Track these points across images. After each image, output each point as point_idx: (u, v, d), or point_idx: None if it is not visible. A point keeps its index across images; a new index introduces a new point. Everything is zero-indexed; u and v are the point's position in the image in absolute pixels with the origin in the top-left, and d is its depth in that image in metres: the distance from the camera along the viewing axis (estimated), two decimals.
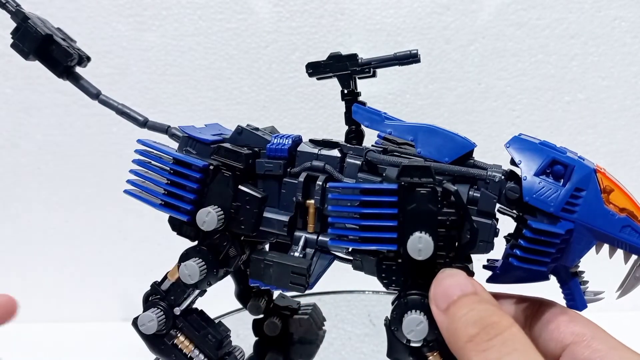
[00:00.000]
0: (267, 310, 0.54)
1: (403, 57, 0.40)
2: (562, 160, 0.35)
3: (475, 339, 0.30)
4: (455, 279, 0.34)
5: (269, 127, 0.47)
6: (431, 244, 0.34)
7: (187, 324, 0.44)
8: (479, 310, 0.32)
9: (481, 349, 0.30)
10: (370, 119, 0.41)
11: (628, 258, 0.37)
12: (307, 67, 0.42)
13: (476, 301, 0.33)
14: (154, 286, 0.45)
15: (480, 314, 0.32)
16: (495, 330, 0.30)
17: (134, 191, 0.43)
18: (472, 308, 0.32)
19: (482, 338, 0.30)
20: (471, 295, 0.33)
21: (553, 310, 0.38)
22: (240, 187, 0.41)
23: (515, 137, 0.38)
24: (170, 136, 0.45)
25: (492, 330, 0.30)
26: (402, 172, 0.35)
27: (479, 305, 0.32)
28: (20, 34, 0.41)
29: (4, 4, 0.42)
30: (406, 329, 0.36)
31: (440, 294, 0.34)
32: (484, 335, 0.30)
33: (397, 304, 0.37)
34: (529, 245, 0.35)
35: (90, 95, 0.45)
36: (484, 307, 0.32)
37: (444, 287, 0.34)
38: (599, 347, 0.35)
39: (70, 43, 0.45)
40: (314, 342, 0.56)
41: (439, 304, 0.34)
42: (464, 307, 0.32)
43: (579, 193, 0.35)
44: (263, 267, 0.40)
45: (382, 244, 0.36)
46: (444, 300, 0.33)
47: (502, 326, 0.31)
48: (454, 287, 0.34)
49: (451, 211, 0.35)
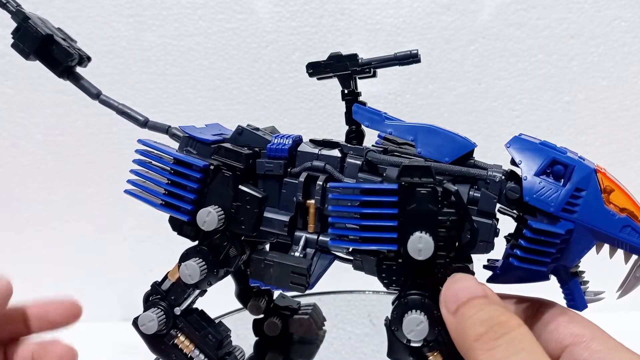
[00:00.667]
0: (267, 310, 0.54)
1: (403, 57, 0.40)
2: (562, 161, 0.35)
3: (482, 338, 0.30)
4: (466, 282, 0.34)
5: (269, 127, 0.47)
6: (431, 244, 0.34)
7: (188, 324, 0.44)
8: (487, 310, 0.32)
9: (488, 348, 0.30)
10: (371, 119, 0.41)
11: (628, 258, 0.37)
12: (308, 67, 0.42)
13: (485, 303, 0.33)
14: (154, 286, 0.45)
15: (489, 314, 0.32)
16: (503, 330, 0.30)
17: (135, 191, 0.43)
18: (481, 309, 0.32)
19: (490, 337, 0.30)
20: (481, 297, 0.33)
21: (553, 311, 0.38)
22: (241, 187, 0.41)
23: (516, 137, 0.38)
24: (171, 136, 0.45)
25: (499, 330, 0.30)
26: (402, 172, 0.35)
27: (488, 306, 0.32)
28: (21, 34, 0.41)
29: (4, 4, 0.42)
30: (406, 329, 0.36)
31: (450, 296, 0.34)
32: (491, 334, 0.30)
33: (397, 304, 0.37)
34: (529, 245, 0.35)
35: (90, 96, 0.45)
36: (493, 308, 0.32)
37: (454, 290, 0.34)
38: (598, 348, 0.34)
39: (71, 43, 0.45)
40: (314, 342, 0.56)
41: (448, 306, 0.34)
42: (473, 307, 0.33)
43: (579, 193, 0.35)
44: (263, 267, 0.40)
45: (383, 244, 0.36)
46: (453, 302, 0.33)
47: (510, 326, 0.31)
48: (464, 290, 0.34)
49: (451, 211, 0.35)
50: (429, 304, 0.36)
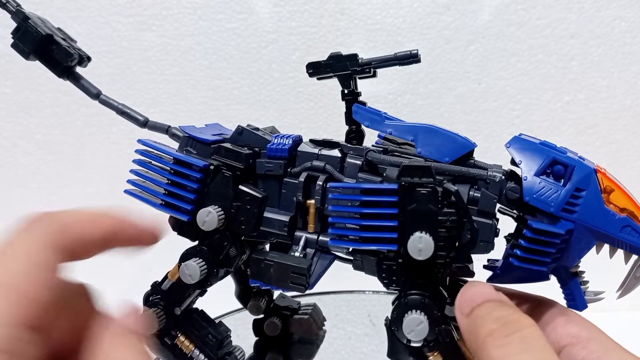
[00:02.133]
0: (267, 310, 0.54)
1: (403, 57, 0.40)
2: (562, 161, 0.35)
3: (494, 334, 0.30)
4: (482, 288, 0.34)
5: (269, 127, 0.47)
6: (432, 244, 0.34)
7: (188, 324, 0.44)
8: (501, 310, 0.32)
9: (500, 344, 0.30)
10: (371, 119, 0.41)
11: (628, 258, 0.37)
12: (308, 67, 0.42)
13: (499, 305, 0.33)
14: (154, 286, 0.45)
15: (502, 312, 0.32)
16: (515, 327, 0.30)
17: (135, 191, 0.43)
18: (495, 308, 0.32)
19: (502, 333, 0.30)
20: (495, 300, 0.33)
21: (551, 311, 0.38)
22: (241, 187, 0.41)
23: (516, 137, 0.38)
24: (171, 136, 0.45)
25: (512, 327, 0.30)
26: (402, 172, 0.35)
27: (502, 307, 0.33)
28: (21, 34, 0.41)
29: (4, 3, 0.42)
30: (406, 329, 0.36)
31: (465, 300, 0.34)
32: (503, 331, 0.30)
33: (397, 304, 0.37)
34: (529, 245, 0.35)
35: (90, 95, 0.45)
36: (507, 308, 0.32)
37: (469, 295, 0.34)
38: (596, 349, 0.34)
39: (71, 43, 0.45)
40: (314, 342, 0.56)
41: (463, 309, 0.34)
42: (486, 308, 0.33)
43: (579, 193, 0.35)
44: (263, 267, 0.39)
45: (383, 244, 0.36)
46: (468, 305, 0.33)
47: (522, 324, 0.31)
48: (479, 294, 0.34)
49: (451, 211, 0.35)
50: (429, 303, 0.36)
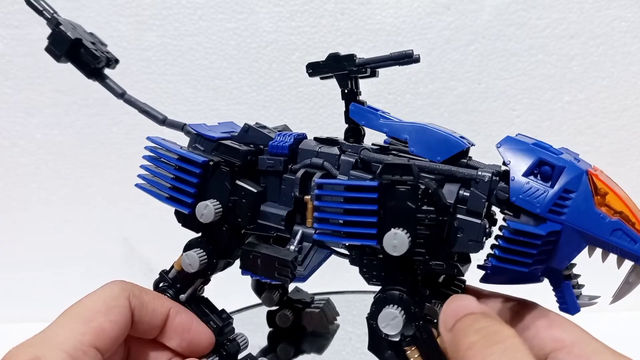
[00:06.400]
0: (280, 302, 0.56)
1: (398, 56, 0.40)
2: (549, 161, 0.35)
3: (475, 346, 0.30)
4: (465, 301, 0.34)
5: (281, 126, 0.49)
6: (406, 241, 0.35)
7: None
8: (482, 321, 0.32)
9: (481, 356, 0.29)
10: (366, 117, 0.41)
11: (621, 263, 0.35)
12: (307, 67, 0.42)
13: (481, 317, 0.32)
14: (162, 274, 0.47)
15: (483, 324, 0.31)
16: (497, 338, 0.30)
17: (144, 185, 0.46)
18: (477, 320, 0.32)
19: (482, 345, 0.30)
20: (477, 313, 0.33)
21: (533, 314, 0.37)
22: (238, 182, 0.42)
23: (508, 137, 0.37)
24: (186, 133, 0.47)
25: (493, 338, 0.30)
26: (383, 170, 0.36)
27: (483, 318, 0.32)
28: (53, 39, 0.45)
29: (41, 11, 0.45)
30: (381, 323, 0.37)
31: (447, 314, 0.34)
32: (484, 342, 0.30)
33: (376, 299, 0.38)
34: (507, 245, 0.35)
35: (116, 95, 0.49)
36: (488, 320, 0.32)
37: (451, 308, 0.34)
38: (581, 352, 0.34)
39: (100, 47, 0.48)
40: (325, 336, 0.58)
41: (446, 323, 0.34)
42: (469, 320, 0.32)
43: (568, 195, 0.34)
44: (252, 258, 0.41)
45: (364, 239, 0.37)
46: (451, 320, 0.33)
47: (503, 335, 0.30)
48: (461, 307, 0.34)
49: (430, 209, 0.35)
50: (407, 299, 0.37)
